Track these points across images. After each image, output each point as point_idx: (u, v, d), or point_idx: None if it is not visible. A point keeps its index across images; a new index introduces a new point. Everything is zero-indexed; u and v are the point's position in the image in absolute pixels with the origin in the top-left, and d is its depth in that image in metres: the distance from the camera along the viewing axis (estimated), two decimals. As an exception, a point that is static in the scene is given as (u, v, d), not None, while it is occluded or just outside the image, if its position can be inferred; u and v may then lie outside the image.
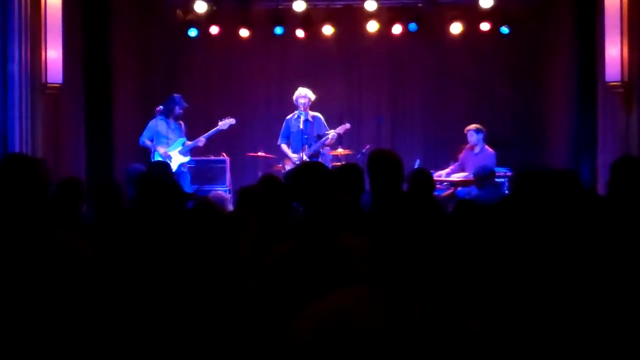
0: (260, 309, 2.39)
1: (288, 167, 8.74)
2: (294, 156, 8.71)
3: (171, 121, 8.49)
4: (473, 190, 7.53)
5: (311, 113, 8.83)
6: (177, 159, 8.42)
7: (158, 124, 8.49)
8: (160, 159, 8.24)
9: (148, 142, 8.48)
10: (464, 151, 8.90)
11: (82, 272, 2.73)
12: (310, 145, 8.67)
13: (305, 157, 8.57)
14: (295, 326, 1.81)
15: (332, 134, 8.68)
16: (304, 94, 8.74)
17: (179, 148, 8.45)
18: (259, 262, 2.91)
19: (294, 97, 8.80)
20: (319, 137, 8.71)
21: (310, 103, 8.78)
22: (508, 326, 2.40)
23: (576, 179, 3.19)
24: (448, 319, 1.76)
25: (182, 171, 8.43)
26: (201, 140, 8.54)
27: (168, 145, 8.42)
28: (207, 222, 2.48)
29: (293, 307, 2.37)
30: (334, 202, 3.09)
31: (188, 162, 8.66)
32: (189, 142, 8.53)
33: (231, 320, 2.33)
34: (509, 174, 8.71)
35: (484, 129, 8.75)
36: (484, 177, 6.96)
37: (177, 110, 8.45)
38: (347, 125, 8.91)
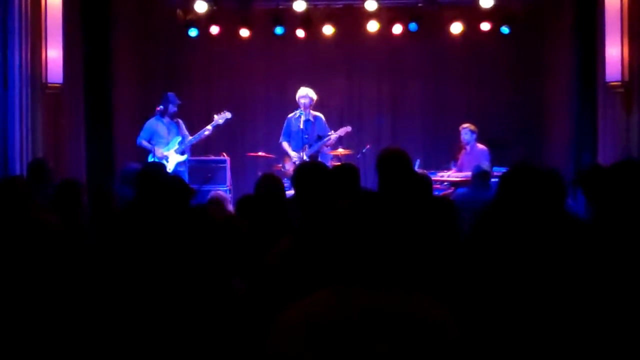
0: (253, 306, 2.40)
1: (287, 165, 8.77)
2: (294, 155, 8.73)
3: (167, 120, 8.49)
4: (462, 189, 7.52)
5: (313, 113, 8.84)
6: (174, 159, 8.42)
7: (154, 124, 8.50)
8: (157, 160, 8.24)
9: (146, 143, 8.47)
10: (460, 155, 8.97)
11: (77, 269, 2.73)
12: (310, 146, 8.69)
13: (305, 157, 8.58)
14: (271, 335, 1.82)
15: (333, 136, 8.71)
16: (305, 94, 8.76)
17: (175, 147, 8.44)
18: (255, 262, 2.91)
19: (297, 97, 8.82)
20: (320, 137, 8.72)
21: (312, 103, 8.80)
22: (479, 316, 2.42)
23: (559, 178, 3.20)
24: (419, 308, 1.78)
25: (180, 170, 8.42)
26: (208, 129, 8.50)
27: (166, 144, 8.43)
28: (202, 225, 2.50)
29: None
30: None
31: (188, 162, 8.67)
32: (190, 137, 8.54)
33: (216, 315, 2.35)
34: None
35: (475, 130, 8.80)
36: (474, 176, 6.94)
37: (171, 108, 8.46)
38: (349, 128, 8.92)
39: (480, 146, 8.80)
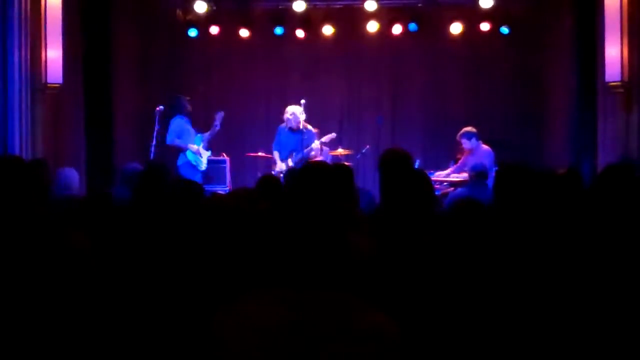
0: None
1: (273, 172, 8.70)
2: (280, 165, 8.74)
3: (187, 119, 8.75)
4: (460, 189, 7.52)
5: (307, 126, 8.77)
6: (205, 154, 8.75)
7: (182, 123, 8.71)
8: (192, 156, 8.55)
9: (178, 141, 8.67)
10: (464, 156, 8.83)
11: (85, 270, 2.73)
12: (296, 153, 8.65)
13: (291, 164, 8.58)
14: (213, 328, 1.84)
15: (316, 144, 8.67)
16: (291, 112, 8.71)
17: (202, 144, 8.71)
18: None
19: (284, 115, 8.80)
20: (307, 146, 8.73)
21: (299, 120, 8.69)
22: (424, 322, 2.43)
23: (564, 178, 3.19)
24: (358, 313, 1.79)
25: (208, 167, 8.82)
26: (217, 124, 8.65)
27: (192, 142, 8.68)
28: (235, 219, 2.45)
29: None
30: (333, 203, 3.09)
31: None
32: (205, 134, 8.72)
33: None
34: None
35: (473, 131, 8.65)
36: (473, 175, 6.94)
37: (187, 106, 8.70)
38: (333, 135, 8.97)
39: (484, 147, 8.70)
